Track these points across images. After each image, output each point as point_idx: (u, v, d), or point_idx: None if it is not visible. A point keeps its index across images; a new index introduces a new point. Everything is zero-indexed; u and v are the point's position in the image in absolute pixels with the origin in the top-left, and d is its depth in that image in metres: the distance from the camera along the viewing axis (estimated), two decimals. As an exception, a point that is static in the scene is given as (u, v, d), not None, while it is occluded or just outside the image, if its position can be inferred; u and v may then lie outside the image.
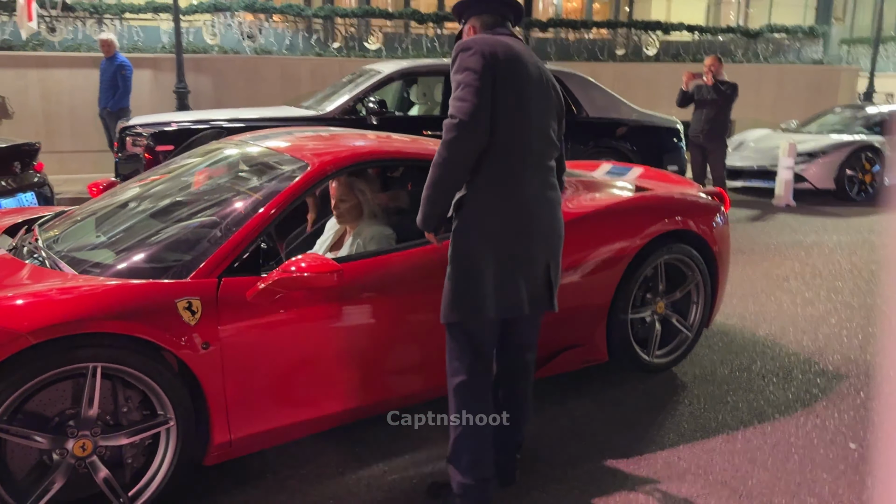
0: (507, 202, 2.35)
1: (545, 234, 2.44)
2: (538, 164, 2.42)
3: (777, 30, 13.90)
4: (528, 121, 2.36)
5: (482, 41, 2.31)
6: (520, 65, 2.34)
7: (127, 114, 8.60)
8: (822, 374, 3.79)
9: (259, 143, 3.24)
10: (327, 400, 2.67)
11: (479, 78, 2.24)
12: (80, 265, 2.58)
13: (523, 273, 2.39)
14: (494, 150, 2.31)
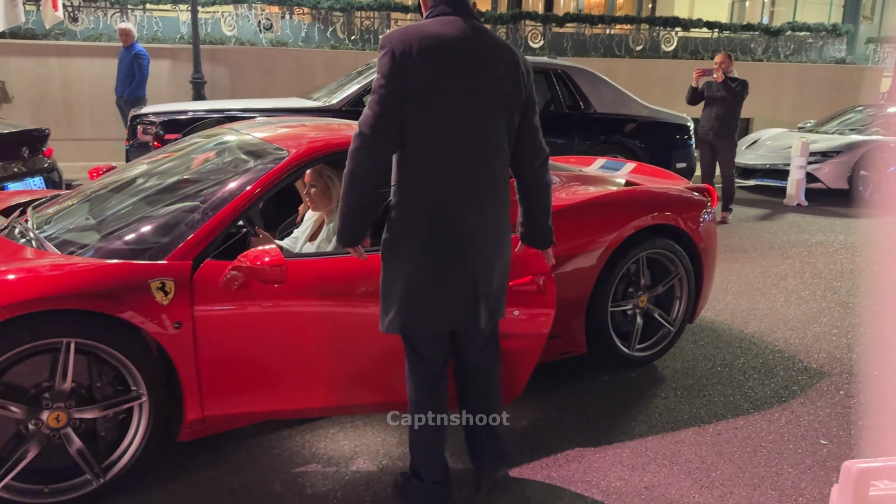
0: (429, 211, 2.20)
1: (474, 246, 2.26)
2: (470, 169, 2.22)
3: (800, 28, 13.73)
4: (455, 121, 2.18)
5: (399, 36, 2.15)
6: (446, 58, 2.15)
7: (142, 102, 8.76)
8: (805, 371, 3.80)
9: (245, 132, 3.33)
10: (297, 393, 2.68)
11: (385, 84, 2.12)
12: (65, 246, 2.69)
13: (448, 288, 2.25)
14: (416, 155, 2.18)
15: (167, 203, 2.89)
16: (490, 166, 2.27)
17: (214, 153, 3.26)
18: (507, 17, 11.78)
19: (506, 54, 2.27)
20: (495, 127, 2.25)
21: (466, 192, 2.23)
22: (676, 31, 12.72)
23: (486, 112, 2.23)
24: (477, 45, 2.22)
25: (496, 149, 2.27)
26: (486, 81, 2.21)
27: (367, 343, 2.68)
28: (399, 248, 2.24)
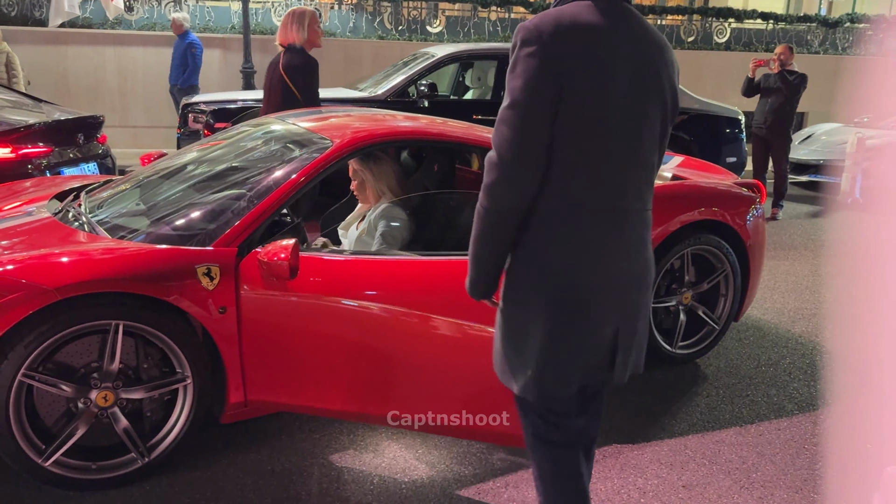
0: (571, 255, 1.73)
1: (621, 291, 1.80)
2: (624, 199, 1.76)
3: (859, 19, 13.29)
4: (614, 139, 1.71)
5: (548, 28, 1.64)
6: (606, 58, 1.68)
7: (195, 91, 8.94)
8: (851, 374, 3.70)
9: (291, 122, 3.37)
10: (337, 393, 2.61)
11: (530, 92, 1.63)
12: (116, 231, 2.77)
13: (587, 343, 1.79)
14: (557, 184, 1.70)
15: (214, 190, 2.95)
16: (642, 191, 1.81)
17: (261, 142, 3.32)
18: (556, 8, 11.65)
19: (666, 51, 1.82)
20: (654, 145, 1.81)
21: (617, 229, 1.77)
22: (730, 22, 12.43)
23: (648, 128, 1.77)
24: (639, 40, 1.74)
25: (651, 171, 1.83)
26: (651, 89, 1.76)
27: (411, 353, 2.53)
28: (531, 298, 1.76)
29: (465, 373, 2.48)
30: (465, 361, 2.47)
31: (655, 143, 1.81)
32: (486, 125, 6.80)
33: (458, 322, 2.45)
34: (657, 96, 1.77)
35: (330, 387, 2.59)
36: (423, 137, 3.28)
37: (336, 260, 2.62)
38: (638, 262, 1.83)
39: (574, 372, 1.80)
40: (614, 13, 1.72)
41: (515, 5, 11.52)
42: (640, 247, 1.83)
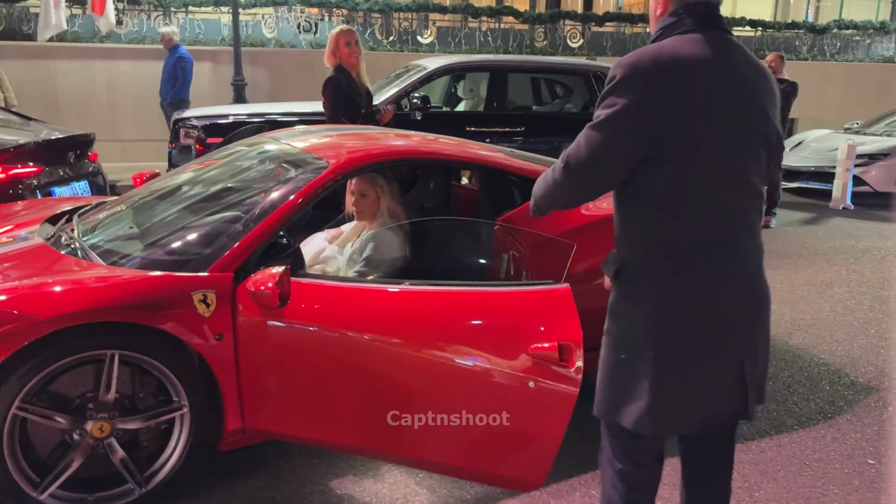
0: (681, 281, 1.77)
1: (741, 322, 1.81)
2: (732, 220, 1.79)
3: (846, 26, 13.38)
4: (714, 172, 1.74)
5: (645, 64, 1.70)
6: (708, 94, 1.71)
7: (185, 105, 8.89)
8: (851, 386, 3.70)
9: (285, 142, 3.35)
10: (337, 425, 2.52)
11: (616, 126, 1.72)
12: (109, 256, 2.73)
13: (701, 378, 1.80)
14: (664, 217, 1.75)
15: (209, 213, 2.92)
16: (752, 221, 1.84)
17: (256, 162, 3.29)
18: (546, 17, 11.70)
19: (768, 81, 1.84)
20: (761, 175, 1.83)
21: (733, 261, 1.79)
22: (719, 29, 12.48)
23: (754, 159, 1.80)
24: (740, 73, 1.77)
25: (759, 199, 1.85)
26: (756, 121, 1.79)
27: (408, 388, 2.41)
28: (633, 321, 1.81)
29: (467, 409, 2.35)
30: (468, 396, 2.35)
31: (763, 172, 1.84)
32: (479, 138, 6.85)
33: (462, 356, 2.33)
34: (761, 126, 1.80)
35: (329, 417, 2.52)
36: (417, 157, 3.27)
37: (335, 286, 2.57)
38: (757, 291, 1.84)
39: (697, 407, 1.82)
40: (716, 45, 1.76)
41: (506, 15, 11.55)
42: (757, 276, 1.85)
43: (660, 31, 1.81)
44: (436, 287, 2.44)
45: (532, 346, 2.19)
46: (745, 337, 1.82)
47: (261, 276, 2.40)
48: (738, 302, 1.79)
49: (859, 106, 12.93)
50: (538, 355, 2.18)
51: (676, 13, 1.80)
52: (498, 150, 3.66)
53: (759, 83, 1.82)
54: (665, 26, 1.80)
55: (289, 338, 2.52)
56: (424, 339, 2.35)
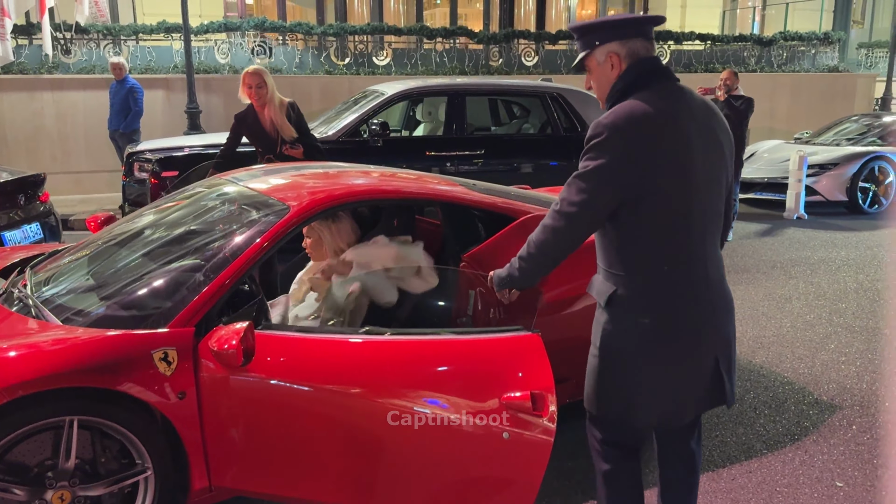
0: (665, 298, 2.02)
1: (714, 323, 2.08)
2: (702, 241, 2.04)
3: (791, 37, 13.77)
4: (690, 200, 1.99)
5: (621, 122, 1.94)
6: (677, 141, 1.96)
7: (138, 135, 8.74)
8: (816, 405, 3.76)
9: (245, 183, 3.29)
10: (307, 481, 2.45)
11: (602, 176, 1.95)
12: (64, 312, 2.64)
13: (687, 376, 2.07)
14: (645, 242, 2.01)
15: (167, 262, 2.85)
16: (716, 237, 2.12)
17: (215, 206, 3.22)
18: (501, 37, 11.80)
19: (718, 116, 2.10)
20: (722, 200, 2.10)
21: (704, 271, 2.05)
22: (669, 44, 12.75)
23: (716, 188, 2.06)
24: (699, 118, 2.03)
25: (721, 219, 2.13)
26: (716, 154, 2.05)
27: (381, 441, 2.35)
28: (625, 334, 2.05)
29: (440, 461, 2.33)
30: (440, 448, 2.32)
31: (723, 197, 2.12)
32: (440, 162, 6.85)
33: (433, 408, 2.29)
34: (720, 158, 2.07)
35: (299, 473, 2.45)
36: (379, 196, 3.22)
37: (300, 338, 2.51)
38: (724, 296, 2.12)
39: (683, 402, 2.10)
40: (675, 96, 2.02)
41: (461, 36, 11.62)
42: (722, 282, 2.13)
43: (622, 91, 2.03)
44: (403, 337, 2.40)
45: (504, 395, 2.17)
46: (718, 335, 2.10)
47: (224, 332, 2.34)
48: (711, 307, 2.07)
49: (807, 114, 13.31)
50: (511, 405, 2.16)
51: (631, 70, 2.02)
52: (459, 183, 3.65)
53: (714, 124, 2.08)
54: (627, 85, 2.02)
55: (254, 392, 2.45)
56: (393, 391, 2.31)
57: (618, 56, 2.03)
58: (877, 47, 16.48)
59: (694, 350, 2.06)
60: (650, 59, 2.05)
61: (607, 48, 2.04)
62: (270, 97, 4.78)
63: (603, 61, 2.06)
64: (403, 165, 6.79)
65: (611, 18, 2.09)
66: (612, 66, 2.05)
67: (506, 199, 3.47)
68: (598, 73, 2.09)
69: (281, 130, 4.81)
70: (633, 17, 2.09)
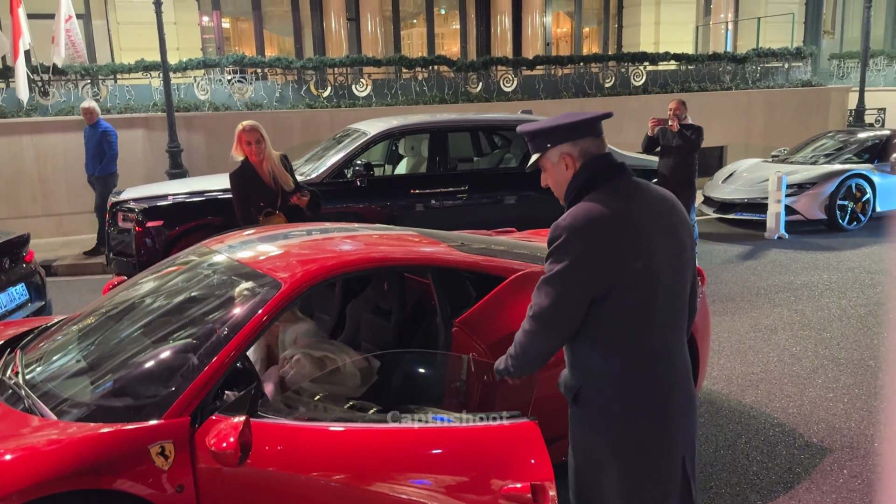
0: (632, 399, 2.04)
1: (681, 425, 2.10)
2: (666, 338, 2.07)
3: (764, 54, 13.98)
4: (651, 298, 2.02)
5: (580, 225, 1.98)
6: (636, 237, 2.00)
7: (115, 179, 8.70)
8: (807, 447, 3.80)
9: (235, 255, 3.29)
10: None
11: (569, 277, 1.98)
12: (56, 401, 2.62)
13: (657, 478, 2.08)
14: (614, 342, 2.03)
15: (160, 343, 2.84)
16: (683, 331, 2.16)
17: (206, 282, 3.22)
18: (479, 65, 11.88)
19: (675, 205, 2.15)
20: (686, 290, 2.13)
21: (671, 369, 2.08)
22: (645, 65, 12.90)
23: (680, 278, 2.10)
24: (655, 209, 2.08)
25: (686, 311, 2.16)
26: (676, 244, 2.09)
27: None
28: (593, 432, 2.09)
29: None
30: None
31: (688, 286, 2.15)
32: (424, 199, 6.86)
33: (433, 500, 2.27)
34: (681, 252, 2.11)
35: None
36: (369, 266, 3.23)
37: (297, 426, 2.51)
38: (689, 394, 2.13)
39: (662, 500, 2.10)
40: (630, 191, 2.07)
41: (439, 65, 11.69)
42: (688, 380, 2.13)
43: (579, 190, 2.08)
44: (400, 425, 2.41)
45: (504, 487, 2.18)
46: (686, 435, 2.13)
47: (222, 428, 2.33)
48: (679, 407, 2.10)
49: (783, 129, 13.51)
50: (511, 497, 2.17)
51: (585, 169, 2.08)
52: (446, 242, 3.66)
53: (673, 218, 2.13)
54: (582, 183, 2.08)
55: (252, 482, 2.44)
56: (391, 480, 2.31)
57: (571, 157, 2.08)
58: (848, 58, 16.76)
59: (662, 454, 2.07)
60: (603, 156, 2.09)
61: (559, 149, 2.09)
62: (269, 151, 4.75)
63: (557, 162, 2.11)
64: (388, 204, 6.85)
65: (559, 122, 2.10)
66: (566, 166, 2.10)
67: (491, 258, 3.50)
68: (553, 174, 2.14)
69: (282, 182, 4.78)
70: (580, 118, 2.09)
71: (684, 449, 2.11)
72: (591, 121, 2.10)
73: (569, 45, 17.16)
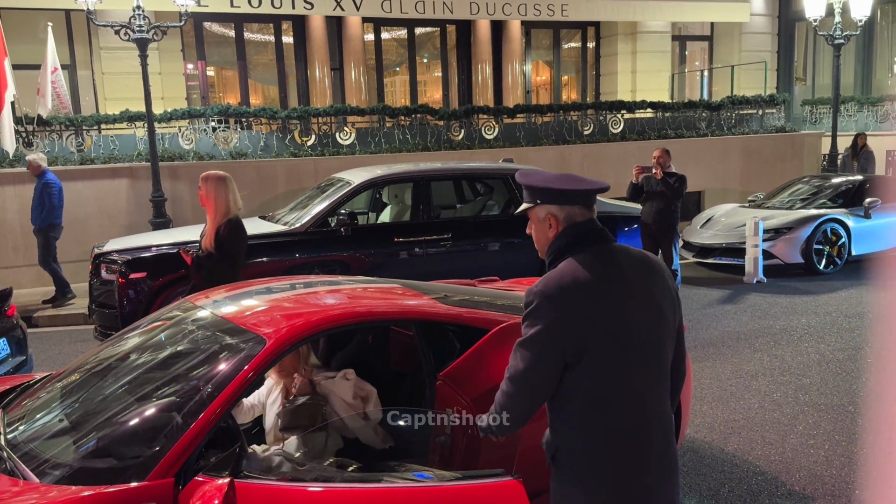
0: (608, 465, 2.05)
1: (660, 493, 2.11)
2: (644, 404, 2.09)
3: (739, 101, 14.33)
4: (625, 364, 2.04)
5: (552, 291, 2.03)
6: (612, 303, 2.04)
7: (57, 231, 8.74)
8: (789, 496, 3.83)
9: (218, 310, 3.31)
10: None
11: (542, 344, 2.03)
12: (38, 462, 2.61)
13: None
14: (589, 406, 2.05)
15: (143, 402, 2.84)
16: (665, 397, 2.17)
17: (189, 339, 3.23)
18: (461, 113, 12.09)
19: (657, 275, 2.17)
20: (667, 356, 2.15)
21: (647, 438, 2.08)
22: (622, 113, 13.18)
23: (659, 345, 2.11)
24: (630, 276, 2.11)
25: (668, 377, 2.18)
26: (654, 310, 2.11)
27: None
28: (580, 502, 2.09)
29: None
30: None
31: (668, 353, 2.16)
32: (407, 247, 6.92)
33: None
34: (659, 318, 2.12)
35: None
36: (353, 321, 3.26)
37: (281, 487, 2.51)
38: (670, 460, 2.14)
39: None
40: (606, 257, 2.12)
41: (422, 114, 11.87)
42: (669, 445, 2.14)
43: (556, 254, 2.15)
44: (380, 486, 2.42)
45: None
46: (663, 500, 2.12)
47: (208, 490, 2.33)
48: (655, 475, 2.10)
49: (759, 174, 13.79)
50: None
51: (567, 233, 2.14)
52: (430, 294, 3.70)
53: (651, 283, 2.15)
54: (562, 246, 2.13)
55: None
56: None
57: (556, 219, 2.15)
58: (820, 104, 17.20)
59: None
60: (586, 222, 2.14)
61: (547, 209, 2.16)
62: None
63: (542, 218, 2.18)
64: (372, 252, 6.90)
65: (554, 185, 2.15)
66: (549, 225, 2.16)
67: (474, 310, 3.54)
68: (537, 228, 2.22)
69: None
70: (574, 188, 2.14)
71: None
72: (584, 193, 2.16)
73: (548, 92, 17.50)
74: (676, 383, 2.26)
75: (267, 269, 6.32)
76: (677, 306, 2.21)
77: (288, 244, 6.74)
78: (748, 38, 17.96)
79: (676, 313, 2.20)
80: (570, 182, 2.17)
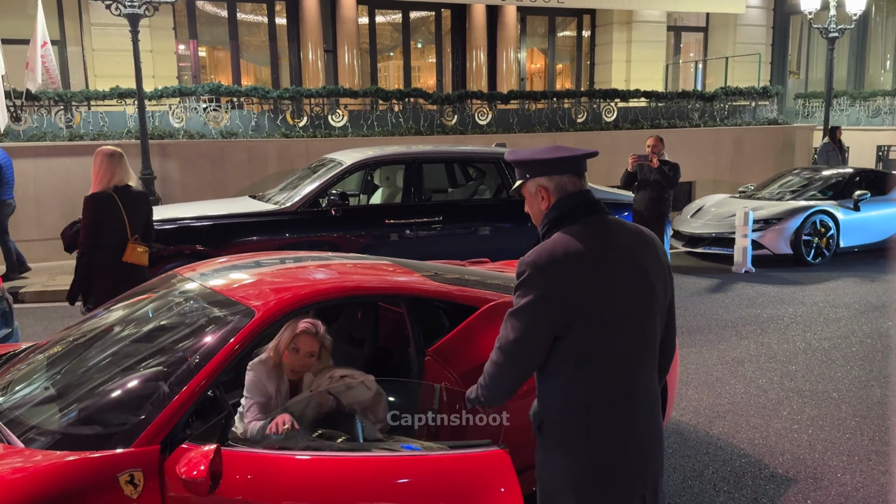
0: (591, 436, 2.06)
1: (641, 464, 2.11)
2: (629, 377, 2.09)
3: (732, 93, 14.35)
4: (612, 336, 2.04)
5: (544, 261, 2.02)
6: (601, 275, 2.04)
7: (7, 208, 8.62)
8: (772, 479, 3.87)
9: (207, 282, 3.29)
10: None
11: (532, 313, 2.01)
12: (24, 429, 2.59)
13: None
14: (575, 377, 2.05)
15: (130, 371, 2.83)
16: (652, 367, 2.17)
17: (177, 309, 3.22)
18: (455, 98, 12.04)
19: (650, 249, 2.16)
20: (655, 328, 2.14)
21: (636, 405, 2.09)
22: (616, 102, 13.17)
23: (649, 317, 2.11)
24: (623, 248, 2.10)
25: (656, 351, 2.17)
26: (644, 283, 2.09)
27: None
28: (561, 476, 2.09)
29: None
30: None
31: (657, 328, 2.15)
32: (398, 229, 6.91)
33: None
34: (649, 293, 2.11)
35: None
36: (342, 295, 3.25)
37: (267, 455, 2.50)
38: (653, 432, 2.14)
39: None
40: (598, 229, 2.10)
41: (415, 98, 11.82)
42: (655, 415, 2.15)
43: (551, 223, 2.13)
44: (370, 453, 2.42)
45: None
46: (647, 474, 2.13)
47: (193, 456, 2.32)
48: (641, 445, 2.11)
49: (750, 165, 13.83)
50: None
51: (559, 205, 2.12)
52: (420, 271, 3.70)
53: (642, 259, 2.13)
54: (555, 218, 2.12)
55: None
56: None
57: (547, 191, 2.13)
58: (813, 98, 17.26)
59: (620, 492, 2.08)
60: (578, 193, 2.12)
61: (537, 182, 2.14)
62: None
63: (534, 192, 2.16)
64: (363, 233, 6.89)
65: (539, 156, 2.15)
66: (542, 197, 2.15)
67: (464, 288, 3.54)
68: (530, 202, 2.20)
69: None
70: (559, 155, 2.13)
71: (644, 487, 2.11)
72: (571, 159, 2.14)
73: (542, 80, 17.47)
74: (665, 359, 2.26)
75: (256, 249, 6.28)
76: (669, 282, 2.21)
77: (278, 223, 6.72)
78: (743, 30, 17.97)
79: (668, 289, 2.19)
80: (556, 151, 2.16)
